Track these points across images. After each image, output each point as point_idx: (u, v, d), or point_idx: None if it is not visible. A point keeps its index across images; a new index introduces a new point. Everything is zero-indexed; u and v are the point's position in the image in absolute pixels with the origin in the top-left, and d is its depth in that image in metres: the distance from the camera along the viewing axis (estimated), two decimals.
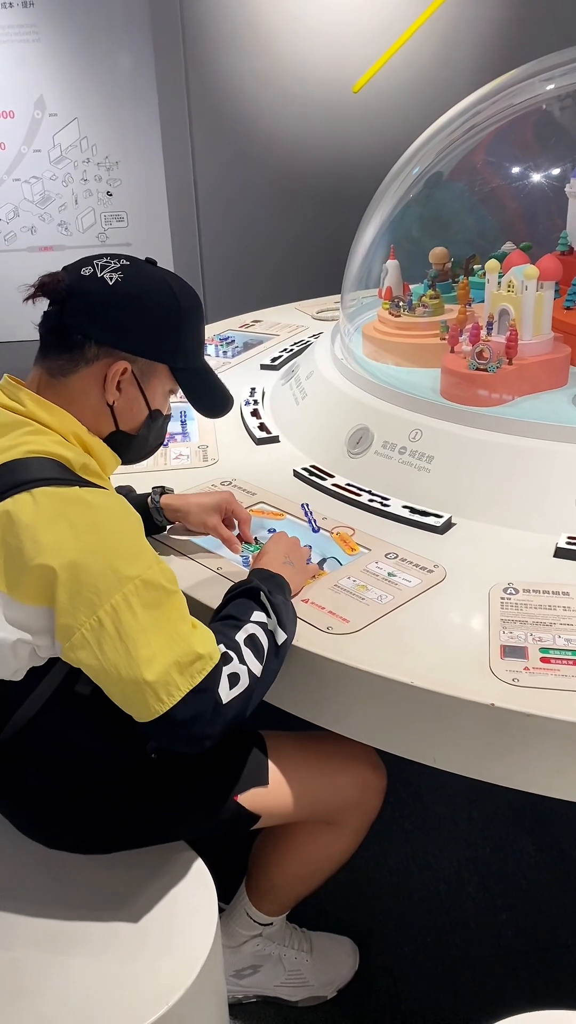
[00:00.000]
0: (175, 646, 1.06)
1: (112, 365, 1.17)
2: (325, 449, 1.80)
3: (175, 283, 1.22)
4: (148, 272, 1.20)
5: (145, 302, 1.18)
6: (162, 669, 1.04)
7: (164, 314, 1.19)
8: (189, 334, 1.23)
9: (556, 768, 1.09)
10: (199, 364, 1.28)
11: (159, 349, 1.21)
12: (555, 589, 1.31)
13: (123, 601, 1.04)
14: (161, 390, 1.25)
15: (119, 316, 1.17)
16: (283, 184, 4.46)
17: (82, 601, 1.03)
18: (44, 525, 1.04)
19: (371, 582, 1.36)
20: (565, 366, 1.74)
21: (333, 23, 4.18)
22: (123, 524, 1.09)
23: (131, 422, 1.23)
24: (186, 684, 1.05)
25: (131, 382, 1.20)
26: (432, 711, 1.14)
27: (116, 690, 1.07)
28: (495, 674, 1.14)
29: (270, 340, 2.64)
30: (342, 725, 1.26)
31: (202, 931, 1.18)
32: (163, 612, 1.07)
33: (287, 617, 1.21)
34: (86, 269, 1.18)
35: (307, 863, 1.46)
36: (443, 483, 1.58)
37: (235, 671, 1.11)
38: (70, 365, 1.17)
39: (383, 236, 2.14)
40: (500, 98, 2.23)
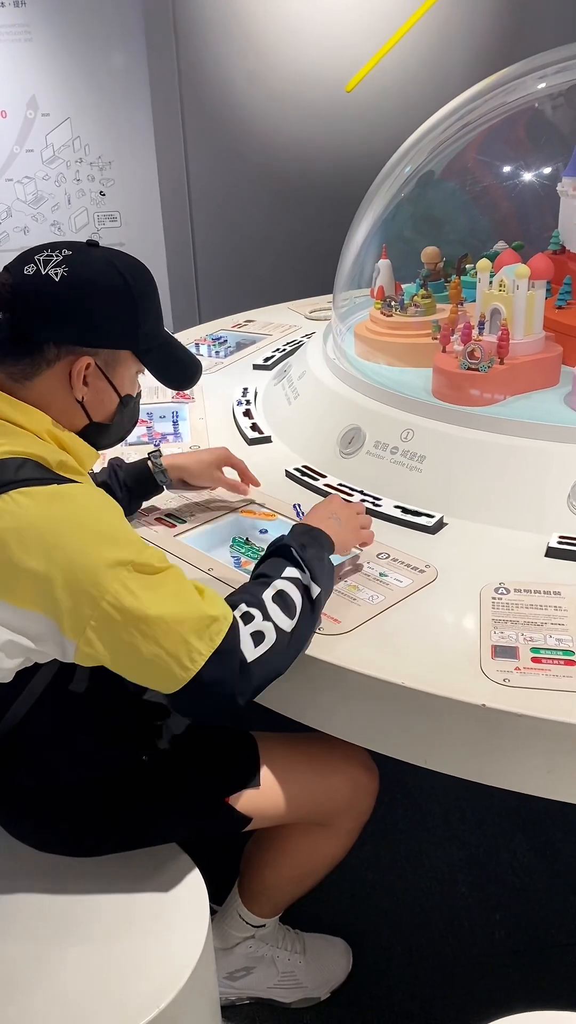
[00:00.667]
0: (186, 614, 1.05)
1: (75, 362, 1.14)
2: (317, 449, 1.80)
3: (121, 264, 1.17)
4: (92, 258, 1.15)
5: (96, 293, 1.14)
6: (179, 638, 1.04)
7: (118, 300, 1.15)
8: (147, 314, 1.19)
9: (548, 768, 1.09)
10: (161, 340, 1.25)
11: (120, 337, 1.18)
12: (546, 589, 1.30)
13: (122, 587, 1.03)
14: (128, 375, 1.22)
15: (73, 313, 1.13)
16: (276, 183, 4.46)
17: (83, 596, 1.03)
18: (28, 527, 1.04)
19: (363, 582, 1.36)
20: (557, 365, 1.73)
21: (326, 22, 4.18)
22: (105, 514, 1.09)
23: (103, 412, 1.22)
24: (206, 647, 1.05)
25: (97, 375, 1.17)
26: (423, 712, 1.13)
27: (139, 671, 1.07)
28: (486, 674, 1.13)
29: (263, 340, 2.63)
30: (334, 726, 1.26)
31: (193, 934, 1.18)
32: (164, 586, 1.07)
33: (321, 571, 1.21)
34: (29, 267, 1.13)
35: (300, 865, 1.45)
36: (435, 483, 1.58)
37: (259, 629, 1.10)
38: (31, 369, 1.14)
39: (375, 236, 2.13)
40: (492, 97, 2.23)
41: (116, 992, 1.10)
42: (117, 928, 1.19)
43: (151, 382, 1.32)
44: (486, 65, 2.58)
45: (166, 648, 1.04)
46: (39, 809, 1.26)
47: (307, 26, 4.19)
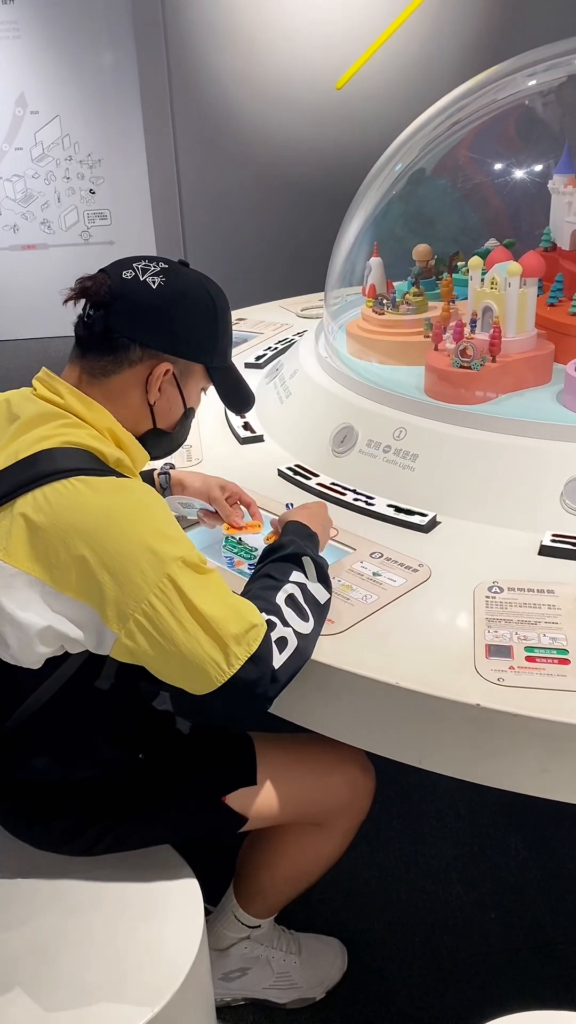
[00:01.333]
0: (228, 618, 1.08)
1: (156, 367, 1.20)
2: (310, 448, 1.79)
3: (210, 285, 1.26)
4: (186, 275, 1.24)
5: (187, 305, 1.21)
6: (220, 641, 1.06)
7: (204, 316, 1.23)
8: (225, 334, 1.28)
9: (542, 768, 1.09)
10: (229, 363, 1.32)
11: (199, 350, 1.24)
12: (540, 587, 1.30)
13: (170, 582, 1.06)
14: (196, 388, 1.29)
15: (164, 319, 1.19)
16: (267, 180, 4.45)
17: (131, 587, 1.05)
18: (85, 514, 1.06)
19: (356, 582, 1.35)
20: (549, 363, 1.73)
21: (316, 20, 4.17)
22: (157, 510, 1.11)
23: (168, 420, 1.27)
24: (244, 652, 1.07)
25: (171, 382, 1.23)
26: (417, 712, 1.13)
27: (174, 668, 1.08)
28: (480, 674, 1.13)
29: (254, 338, 2.62)
30: (328, 727, 1.25)
31: (188, 935, 1.17)
32: (209, 587, 1.09)
33: (322, 571, 1.24)
34: (127, 272, 1.19)
35: (295, 865, 1.45)
36: (428, 481, 1.58)
37: (282, 635, 1.13)
38: (113, 366, 1.19)
39: (366, 233, 2.13)
40: (482, 94, 2.23)
41: (111, 994, 1.10)
42: (111, 929, 1.18)
43: None
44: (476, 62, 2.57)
45: (206, 648, 1.06)
46: (36, 805, 1.26)
47: (297, 24, 4.19)
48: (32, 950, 1.16)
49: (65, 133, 4.77)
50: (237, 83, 4.34)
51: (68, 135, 4.76)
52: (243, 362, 2.41)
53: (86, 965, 1.14)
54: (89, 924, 1.19)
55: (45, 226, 4.97)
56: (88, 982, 1.11)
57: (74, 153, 4.82)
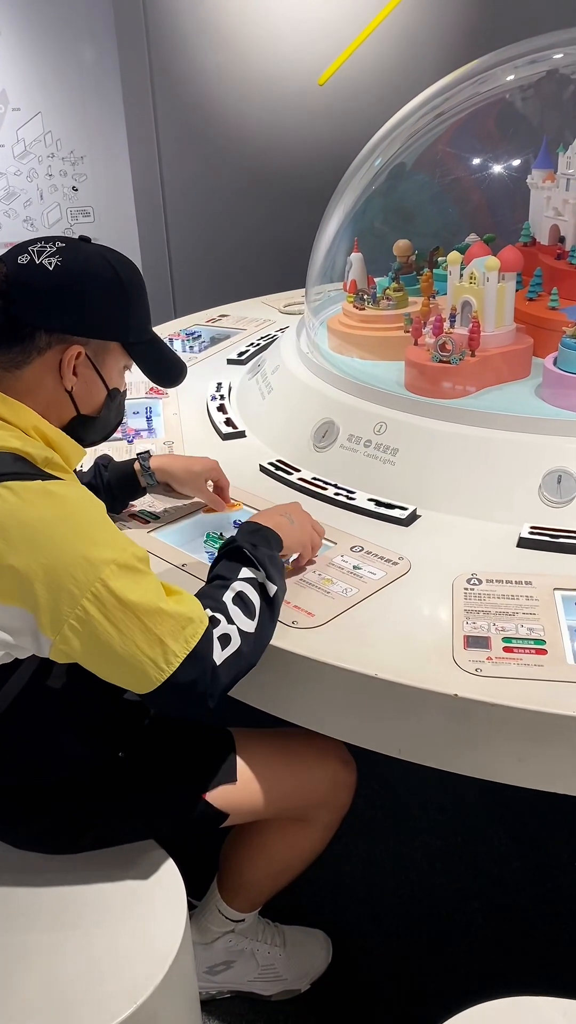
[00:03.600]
0: (163, 616, 1.06)
1: (66, 351, 1.15)
2: (291, 443, 1.80)
3: (113, 258, 1.20)
4: (86, 251, 1.18)
5: (89, 283, 1.16)
6: (156, 640, 1.05)
7: (109, 291, 1.18)
8: (137, 308, 1.22)
9: (519, 757, 1.10)
10: (150, 336, 1.27)
11: (110, 327, 1.20)
12: (518, 579, 1.31)
13: (103, 587, 1.04)
14: (116, 368, 1.24)
15: (66, 301, 1.15)
16: (250, 176, 4.44)
17: (64, 594, 1.03)
18: (12, 522, 1.04)
19: (336, 575, 1.36)
20: (528, 357, 1.74)
21: (298, 16, 4.17)
22: (89, 512, 1.09)
23: (91, 404, 1.22)
24: (182, 649, 1.06)
25: (87, 365, 1.19)
26: (396, 703, 1.14)
27: (113, 669, 1.07)
28: (458, 664, 1.14)
29: (237, 335, 2.63)
30: (308, 719, 1.26)
31: (171, 929, 1.18)
32: (143, 588, 1.07)
33: (275, 569, 1.21)
34: (22, 257, 1.15)
35: (278, 859, 1.46)
36: (408, 475, 1.59)
37: (225, 632, 1.12)
38: (22, 356, 1.15)
39: (346, 229, 2.13)
40: (462, 89, 2.23)
41: (94, 988, 1.10)
42: (94, 924, 1.18)
43: None
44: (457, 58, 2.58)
45: (142, 649, 1.05)
46: (15, 806, 1.26)
47: (279, 20, 4.18)
48: (14, 946, 1.16)
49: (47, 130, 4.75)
50: (219, 79, 4.33)
51: (50, 132, 4.74)
52: (225, 358, 2.42)
53: (69, 961, 1.14)
54: (71, 920, 1.19)
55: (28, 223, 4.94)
56: (70, 977, 1.12)
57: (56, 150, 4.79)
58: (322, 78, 4.32)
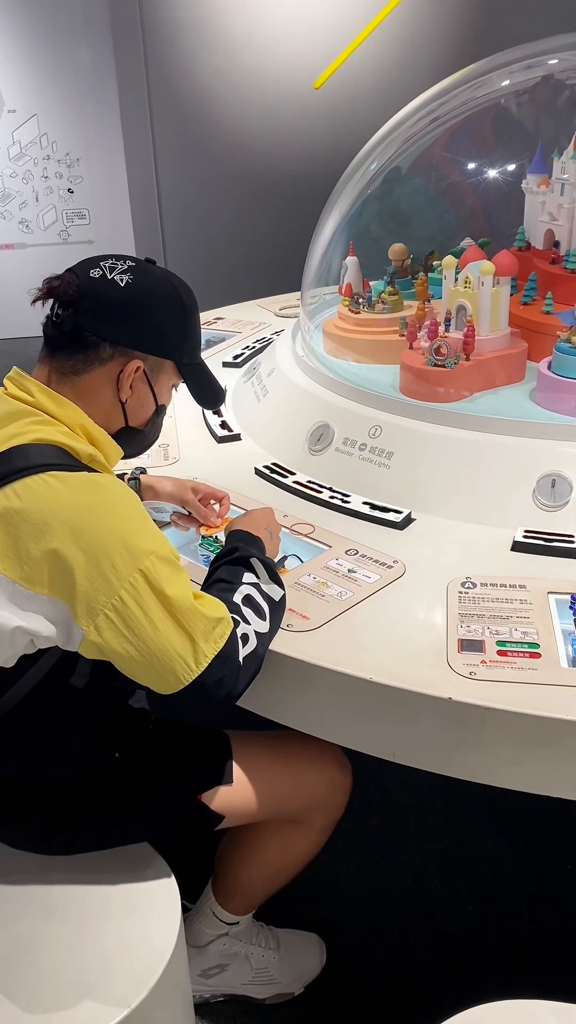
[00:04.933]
0: (196, 615, 1.08)
1: (127, 364, 1.20)
2: (286, 446, 1.80)
3: (177, 282, 1.26)
4: (154, 272, 1.24)
5: (156, 302, 1.22)
6: (187, 638, 1.07)
7: (172, 312, 1.24)
8: (193, 330, 1.29)
9: (513, 760, 1.10)
10: (199, 359, 1.33)
11: (169, 346, 1.25)
12: (512, 582, 1.32)
13: (142, 578, 1.06)
14: (167, 385, 1.29)
15: (133, 317, 1.20)
16: (246, 179, 4.45)
17: (102, 582, 1.05)
18: (58, 509, 1.06)
19: (331, 579, 1.36)
20: (522, 361, 1.75)
21: (294, 20, 4.18)
22: (132, 505, 1.12)
23: (140, 418, 1.27)
24: (211, 650, 1.08)
25: (143, 380, 1.24)
26: (391, 706, 1.14)
27: (142, 666, 1.08)
28: (453, 668, 1.14)
29: (232, 337, 2.63)
30: (303, 722, 1.26)
31: (165, 932, 1.18)
32: (179, 584, 1.09)
33: (271, 571, 1.25)
34: (95, 271, 1.20)
35: (273, 862, 1.46)
36: (403, 479, 1.59)
37: (244, 632, 1.14)
38: (83, 364, 1.19)
39: (342, 232, 2.14)
40: (457, 93, 2.24)
41: (87, 991, 1.10)
42: (88, 927, 1.19)
43: None
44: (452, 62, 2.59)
45: (175, 645, 1.07)
46: (12, 805, 1.26)
47: (275, 23, 4.19)
48: (8, 949, 1.16)
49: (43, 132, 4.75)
50: (215, 82, 4.34)
51: (46, 134, 4.75)
52: (221, 361, 2.42)
53: (63, 963, 1.14)
54: (66, 922, 1.19)
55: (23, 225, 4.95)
56: (64, 980, 1.12)
57: (52, 152, 4.80)
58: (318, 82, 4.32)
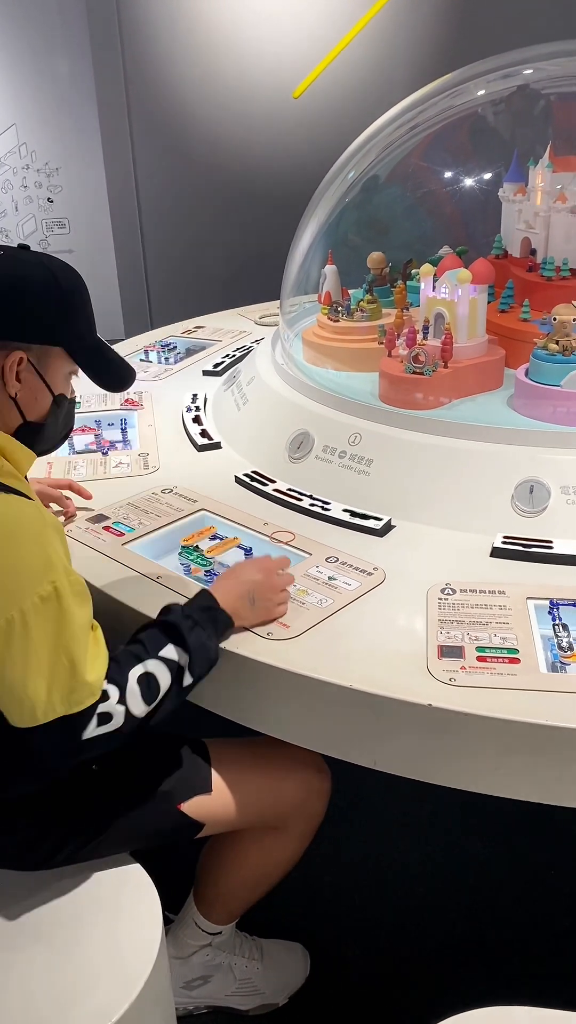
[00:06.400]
0: (65, 669, 1.06)
1: (7, 357, 1.15)
2: (266, 454, 1.80)
3: (54, 264, 1.21)
4: (24, 258, 1.20)
5: (27, 287, 1.16)
6: (46, 689, 1.05)
7: (48, 296, 1.18)
8: (77, 313, 1.22)
9: (495, 766, 1.10)
10: (93, 341, 1.26)
11: (50, 332, 1.19)
12: (491, 588, 1.32)
13: (20, 617, 1.04)
14: (61, 373, 1.23)
15: (4, 307, 1.15)
16: (226, 188, 4.46)
17: (5, 594, 1.03)
18: None
19: (311, 586, 1.36)
20: (500, 369, 1.76)
21: (273, 29, 4.20)
22: (30, 535, 1.08)
23: (37, 411, 1.22)
24: (63, 709, 1.06)
25: (30, 370, 1.18)
26: (371, 714, 1.14)
27: (3, 687, 1.07)
28: (432, 674, 1.14)
29: (212, 346, 2.63)
30: (283, 730, 1.26)
31: (146, 944, 1.17)
32: (62, 631, 1.06)
33: (202, 659, 1.17)
34: None
35: (254, 870, 1.45)
36: (382, 486, 1.59)
37: (108, 711, 1.10)
38: None
39: (321, 241, 2.15)
40: (434, 103, 2.26)
41: (68, 1006, 1.09)
42: (68, 940, 1.17)
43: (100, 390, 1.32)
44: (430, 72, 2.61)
45: (30, 687, 1.05)
46: None
47: (254, 32, 4.21)
48: None
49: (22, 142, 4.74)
50: (195, 92, 4.35)
51: (25, 144, 4.74)
52: (201, 369, 2.42)
53: (43, 977, 1.13)
54: (44, 937, 1.18)
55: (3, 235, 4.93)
56: (44, 995, 1.10)
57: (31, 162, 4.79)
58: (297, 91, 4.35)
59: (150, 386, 2.32)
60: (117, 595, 1.37)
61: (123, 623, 1.32)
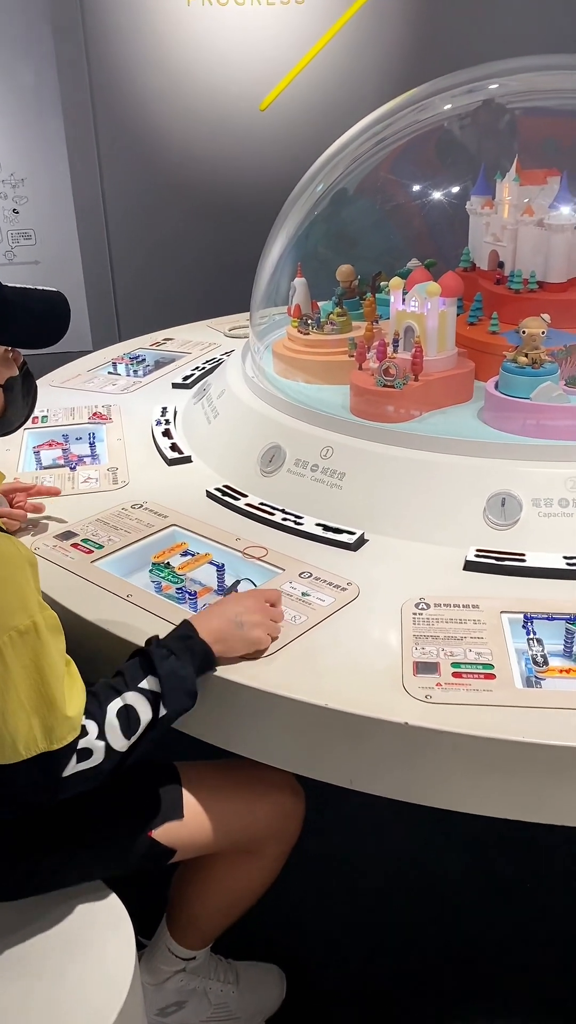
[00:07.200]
0: (45, 705, 1.04)
1: None
2: (238, 468, 1.78)
3: None
4: None
5: None
6: (26, 726, 1.03)
7: None
8: None
9: (472, 784, 1.09)
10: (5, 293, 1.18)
11: None
12: (465, 603, 1.32)
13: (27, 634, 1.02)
14: None
15: None
16: (194, 200, 4.44)
17: None
18: None
19: (285, 602, 1.34)
20: (470, 381, 1.76)
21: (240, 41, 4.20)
22: (5, 571, 1.05)
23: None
24: (44, 745, 1.04)
25: None
26: (347, 733, 1.12)
27: None
28: (408, 691, 1.13)
29: (182, 358, 2.61)
30: (257, 751, 1.24)
31: (119, 971, 1.14)
32: (40, 666, 1.04)
33: (175, 688, 1.13)
34: None
35: (228, 893, 1.43)
36: (355, 499, 1.58)
37: (88, 746, 1.08)
38: None
39: (290, 254, 2.14)
40: (402, 116, 2.26)
41: None
42: (39, 969, 1.14)
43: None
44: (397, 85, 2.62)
45: (10, 722, 1.02)
46: None
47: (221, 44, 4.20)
48: None
49: None
50: (161, 102, 4.33)
51: None
52: (170, 382, 2.40)
53: (13, 1005, 1.09)
54: (16, 963, 1.15)
55: None
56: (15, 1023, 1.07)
57: None
58: (264, 103, 4.36)
59: (119, 399, 2.29)
60: (86, 614, 1.34)
61: (92, 643, 1.30)
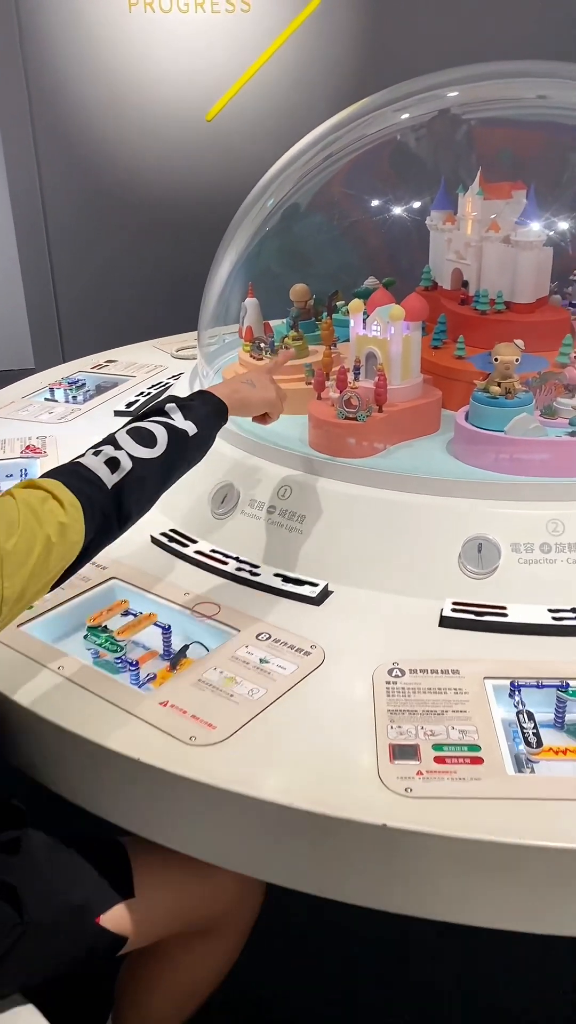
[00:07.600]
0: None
1: None
2: (187, 510, 1.61)
3: None
4: None
5: None
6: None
7: None
8: None
9: (462, 892, 0.94)
10: None
11: None
12: (444, 667, 1.17)
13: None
14: None
15: None
16: (138, 214, 4.28)
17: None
18: None
19: (241, 672, 1.18)
20: (437, 411, 1.63)
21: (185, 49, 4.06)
22: None
23: None
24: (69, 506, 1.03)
25: None
26: (315, 834, 0.97)
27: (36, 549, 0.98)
28: (385, 783, 0.98)
29: (125, 382, 2.43)
30: (208, 852, 1.07)
31: None
32: None
33: (192, 415, 1.21)
34: None
35: (183, 984, 1.26)
36: (317, 545, 1.43)
37: (113, 456, 1.10)
38: None
39: (239, 272, 1.99)
40: (354, 127, 2.14)
41: None
42: None
43: None
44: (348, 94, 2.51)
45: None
46: None
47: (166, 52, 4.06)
48: None
49: None
50: (103, 114, 4.16)
51: None
52: (112, 409, 2.22)
53: None
54: None
55: None
56: None
57: None
58: (210, 114, 4.22)
59: (55, 429, 2.11)
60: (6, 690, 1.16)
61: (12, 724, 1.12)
